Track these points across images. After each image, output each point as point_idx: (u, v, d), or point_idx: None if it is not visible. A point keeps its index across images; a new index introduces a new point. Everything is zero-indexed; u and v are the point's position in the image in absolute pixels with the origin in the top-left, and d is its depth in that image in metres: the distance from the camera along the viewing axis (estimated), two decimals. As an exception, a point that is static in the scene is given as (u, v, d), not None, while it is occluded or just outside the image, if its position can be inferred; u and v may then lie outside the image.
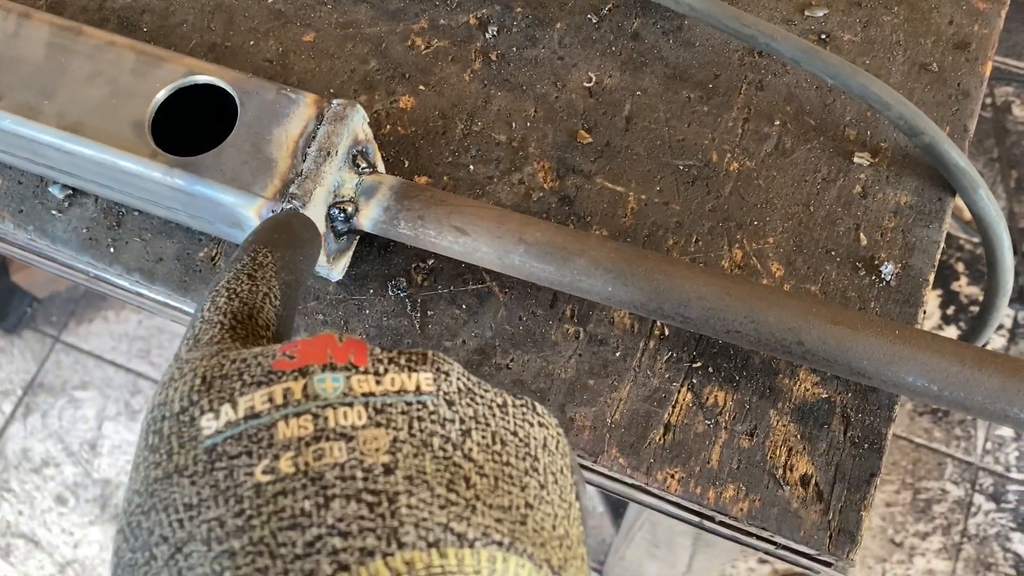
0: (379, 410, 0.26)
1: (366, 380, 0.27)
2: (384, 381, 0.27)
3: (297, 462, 0.24)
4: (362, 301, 0.48)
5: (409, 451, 0.25)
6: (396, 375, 0.27)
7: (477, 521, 0.24)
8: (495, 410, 0.28)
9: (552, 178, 0.50)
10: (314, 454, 0.25)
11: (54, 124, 0.44)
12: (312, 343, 0.28)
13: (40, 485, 1.51)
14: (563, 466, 0.29)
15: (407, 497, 0.24)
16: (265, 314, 0.33)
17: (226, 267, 0.35)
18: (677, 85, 0.52)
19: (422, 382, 0.27)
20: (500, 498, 0.25)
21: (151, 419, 0.27)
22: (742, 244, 0.48)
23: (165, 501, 0.25)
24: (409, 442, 0.26)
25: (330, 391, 0.26)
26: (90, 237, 0.50)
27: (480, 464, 0.26)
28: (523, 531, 0.25)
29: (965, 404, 0.40)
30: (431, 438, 0.26)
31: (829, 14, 0.53)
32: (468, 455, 0.26)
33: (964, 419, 1.45)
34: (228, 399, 0.26)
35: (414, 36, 0.53)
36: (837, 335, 0.40)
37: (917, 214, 0.48)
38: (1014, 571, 1.37)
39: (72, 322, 1.61)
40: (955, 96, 0.51)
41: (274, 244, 0.35)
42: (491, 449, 0.27)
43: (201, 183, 0.42)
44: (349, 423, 0.26)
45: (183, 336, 0.32)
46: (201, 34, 0.54)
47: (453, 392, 0.27)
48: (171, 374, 0.29)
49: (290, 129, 0.43)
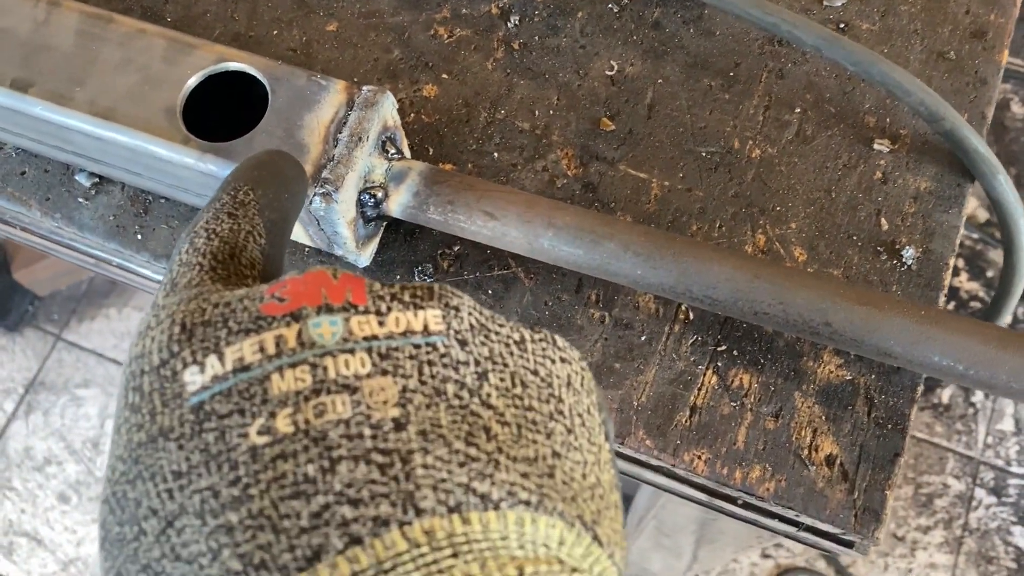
0: (384, 355, 0.23)
1: (367, 321, 0.24)
2: (387, 322, 0.24)
3: (296, 420, 0.22)
4: (389, 286, 0.48)
5: (421, 402, 0.23)
6: (400, 314, 0.24)
7: (501, 478, 0.22)
8: (512, 347, 0.25)
9: (575, 165, 0.50)
10: (315, 410, 0.22)
11: (86, 111, 0.45)
12: (304, 281, 0.25)
13: (42, 483, 1.51)
14: (589, 405, 0.26)
15: (422, 456, 0.21)
16: (249, 253, 0.30)
17: (204, 208, 0.31)
18: (698, 73, 0.52)
19: (430, 320, 0.24)
20: (524, 449, 0.23)
21: (129, 374, 0.24)
22: (765, 229, 0.49)
23: (151, 468, 0.22)
24: (420, 391, 0.23)
25: (328, 336, 0.23)
26: (117, 224, 0.50)
27: (500, 411, 0.23)
28: (551, 485, 0.23)
29: (990, 383, 0.40)
30: (444, 385, 0.23)
31: (847, 3, 0.54)
32: (486, 401, 0.23)
33: (965, 414, 1.46)
34: (213, 349, 0.23)
35: (436, 25, 0.54)
36: (864, 315, 0.41)
37: (937, 199, 0.49)
38: (1015, 564, 1.38)
39: (73, 320, 1.61)
40: (973, 84, 0.52)
41: (256, 181, 0.32)
42: (511, 393, 0.24)
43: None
44: (351, 372, 0.23)
45: (160, 283, 0.29)
46: (224, 24, 0.54)
47: (465, 330, 0.24)
48: (147, 322, 0.25)
49: (321, 115, 0.44)
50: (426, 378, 0.23)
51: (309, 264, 0.49)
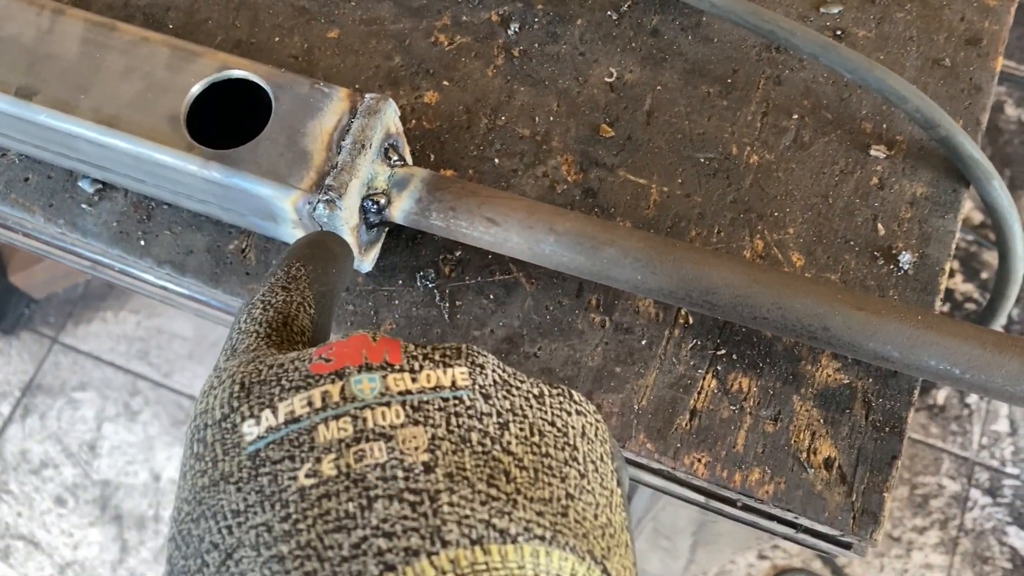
0: (416, 408, 0.27)
1: (402, 378, 0.27)
2: (420, 378, 0.27)
3: (339, 464, 0.25)
4: (391, 292, 0.49)
5: (448, 448, 0.26)
6: (431, 371, 0.28)
7: (519, 516, 0.24)
8: (532, 401, 0.28)
9: (575, 171, 0.51)
10: (355, 455, 0.25)
11: (90, 118, 0.45)
12: (347, 344, 0.28)
13: (39, 486, 1.51)
14: (603, 453, 0.29)
15: (448, 495, 0.24)
16: (300, 321, 0.34)
17: (263, 281, 0.36)
18: (696, 80, 0.53)
19: (458, 377, 0.28)
20: (540, 490, 0.26)
21: (194, 428, 0.28)
22: (763, 235, 0.49)
23: (213, 508, 0.26)
24: (448, 439, 0.26)
25: (367, 391, 0.27)
26: (120, 230, 0.50)
27: (519, 457, 0.26)
28: (565, 523, 0.25)
29: (987, 387, 0.41)
30: (469, 433, 0.26)
31: (844, 10, 0.54)
32: (507, 448, 0.27)
33: (960, 415, 1.47)
34: (268, 404, 0.27)
35: (437, 32, 0.54)
36: (862, 320, 0.41)
37: (933, 205, 0.50)
38: (1010, 564, 1.39)
39: (70, 323, 1.61)
40: (967, 90, 0.52)
41: (307, 258, 0.36)
42: (529, 441, 0.27)
43: (238, 175, 0.43)
44: (387, 423, 0.26)
45: (221, 348, 0.33)
46: (226, 31, 0.55)
47: (489, 385, 0.28)
48: (210, 383, 0.29)
49: (324, 122, 0.44)
50: (453, 427, 0.27)
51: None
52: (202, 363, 1.57)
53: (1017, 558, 1.39)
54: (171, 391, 1.56)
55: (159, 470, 1.51)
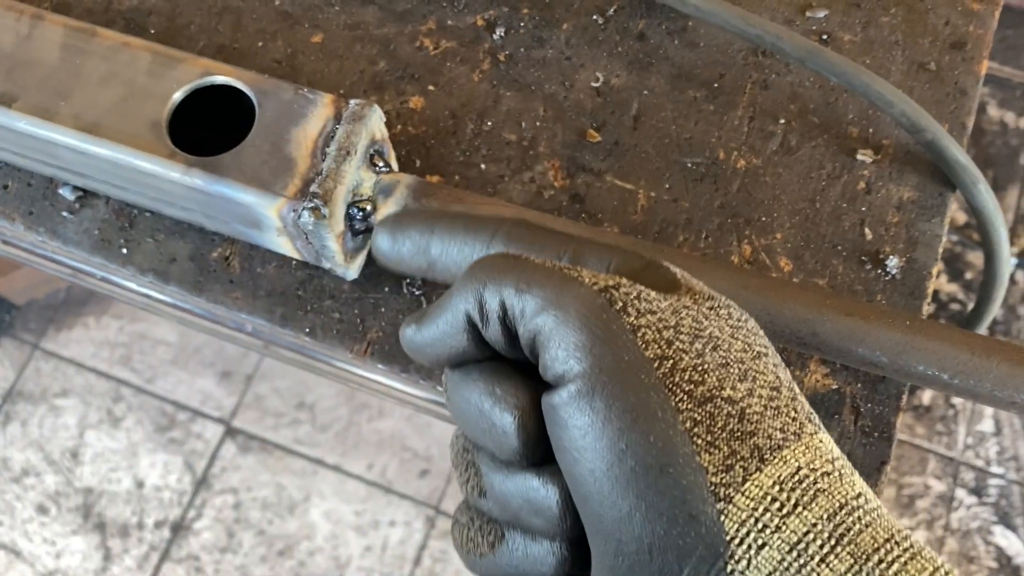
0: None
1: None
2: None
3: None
4: (378, 299, 0.48)
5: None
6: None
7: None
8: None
9: (562, 176, 0.51)
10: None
11: (71, 125, 0.44)
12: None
13: (20, 495, 1.49)
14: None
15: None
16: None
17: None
18: (683, 84, 0.53)
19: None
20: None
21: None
22: (751, 240, 0.49)
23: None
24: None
25: None
26: (102, 238, 0.50)
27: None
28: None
29: (974, 391, 0.41)
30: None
31: (829, 15, 0.54)
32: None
33: (946, 415, 1.47)
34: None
35: (422, 37, 0.54)
36: (851, 326, 0.41)
37: (920, 209, 0.50)
38: (996, 563, 1.39)
39: (51, 329, 1.59)
40: (953, 94, 0.52)
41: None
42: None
43: (221, 183, 0.43)
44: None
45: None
46: (209, 36, 0.54)
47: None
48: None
49: (309, 129, 0.44)
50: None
51: (295, 276, 0.49)
52: (185, 368, 1.56)
53: (1003, 557, 1.40)
54: (154, 397, 1.54)
55: (142, 477, 1.50)
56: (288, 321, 0.48)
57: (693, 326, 0.28)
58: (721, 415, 0.26)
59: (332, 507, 1.47)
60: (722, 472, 0.25)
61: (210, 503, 1.47)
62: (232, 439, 1.51)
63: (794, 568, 0.24)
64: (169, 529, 1.46)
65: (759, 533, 0.25)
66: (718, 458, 0.25)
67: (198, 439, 1.51)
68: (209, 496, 1.48)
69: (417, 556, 1.43)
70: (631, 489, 0.25)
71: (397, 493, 1.47)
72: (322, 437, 1.51)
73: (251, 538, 1.46)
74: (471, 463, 0.30)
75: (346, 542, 1.45)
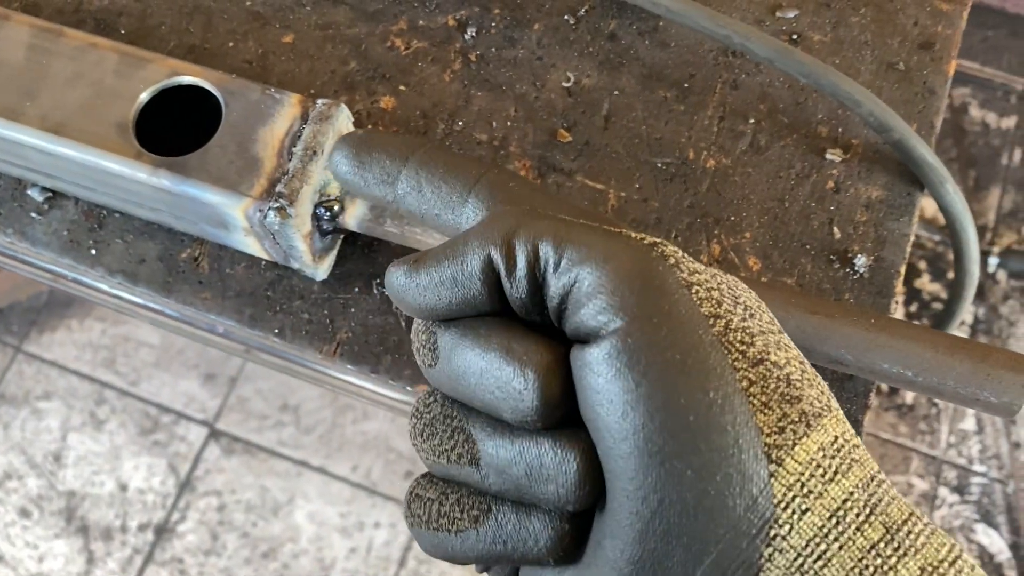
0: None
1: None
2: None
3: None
4: (347, 300, 0.48)
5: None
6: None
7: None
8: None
9: (533, 176, 0.51)
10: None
11: (37, 125, 0.44)
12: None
13: (2, 498, 1.48)
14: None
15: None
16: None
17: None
18: (654, 84, 0.53)
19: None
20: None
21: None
22: (720, 239, 0.49)
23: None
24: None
25: None
26: (71, 239, 0.50)
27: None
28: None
29: (938, 389, 0.41)
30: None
31: (799, 15, 0.54)
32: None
33: (928, 414, 1.48)
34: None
35: (393, 37, 0.54)
36: (816, 324, 0.41)
37: (888, 208, 0.50)
38: (978, 561, 1.40)
39: (34, 331, 1.58)
40: (921, 94, 0.53)
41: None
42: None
43: (187, 183, 0.43)
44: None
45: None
46: (179, 36, 0.54)
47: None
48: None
49: (275, 129, 0.44)
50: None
51: (264, 276, 0.49)
52: (169, 371, 1.55)
53: (985, 555, 1.41)
54: (138, 399, 1.54)
55: (126, 480, 1.49)
56: (257, 322, 0.48)
57: (731, 292, 0.27)
58: (772, 378, 0.25)
59: (316, 509, 1.46)
60: (775, 434, 0.25)
61: (194, 505, 1.47)
62: (216, 441, 1.51)
63: (833, 535, 0.24)
64: (153, 532, 1.46)
65: (804, 498, 0.24)
66: (772, 419, 0.25)
67: (182, 441, 1.51)
68: (193, 499, 1.47)
69: (402, 558, 1.43)
70: (687, 445, 0.24)
71: (382, 495, 1.47)
72: (306, 439, 1.51)
73: (235, 540, 1.45)
74: (458, 429, 0.28)
75: (331, 544, 1.44)
